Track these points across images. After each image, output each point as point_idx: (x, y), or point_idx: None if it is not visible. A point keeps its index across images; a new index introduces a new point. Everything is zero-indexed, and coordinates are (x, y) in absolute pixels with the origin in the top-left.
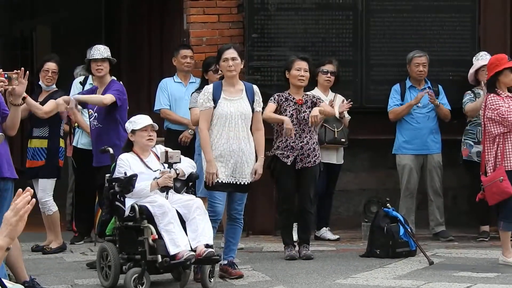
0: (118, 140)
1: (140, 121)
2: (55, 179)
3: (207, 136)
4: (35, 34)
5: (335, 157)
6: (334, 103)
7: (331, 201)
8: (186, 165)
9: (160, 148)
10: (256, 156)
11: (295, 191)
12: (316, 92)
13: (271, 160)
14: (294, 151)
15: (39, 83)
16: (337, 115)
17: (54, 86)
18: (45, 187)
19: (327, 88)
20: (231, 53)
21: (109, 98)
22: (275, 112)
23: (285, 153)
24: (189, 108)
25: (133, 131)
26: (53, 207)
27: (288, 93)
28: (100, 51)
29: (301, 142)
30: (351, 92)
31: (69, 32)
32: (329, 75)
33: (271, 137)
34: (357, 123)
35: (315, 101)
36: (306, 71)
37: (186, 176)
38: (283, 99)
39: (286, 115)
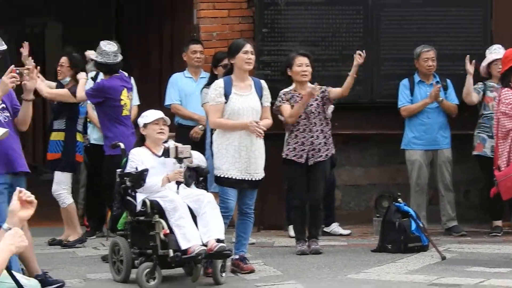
0: (108, 132)
1: (151, 115)
2: (71, 173)
3: (223, 120)
4: (46, 30)
5: None
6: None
7: (333, 196)
8: (196, 157)
9: (172, 143)
10: None
11: (307, 187)
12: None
13: (284, 160)
14: (304, 146)
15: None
16: None
17: (67, 79)
18: (60, 180)
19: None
20: (250, 47)
21: (79, 95)
22: None
23: (298, 152)
24: (202, 105)
25: (144, 125)
26: (67, 200)
27: (294, 90)
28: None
29: (311, 137)
30: (361, 87)
31: (80, 28)
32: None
33: (281, 131)
34: (367, 118)
35: (322, 95)
36: (308, 65)
37: (193, 163)
38: (290, 97)
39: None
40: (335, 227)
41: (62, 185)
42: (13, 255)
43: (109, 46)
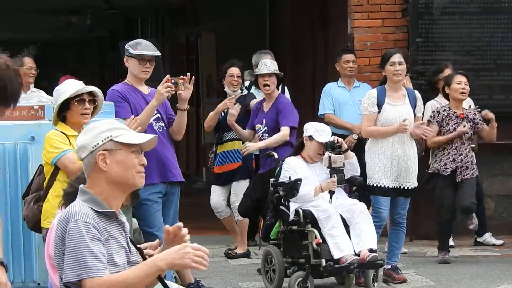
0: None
1: (324, 136)
2: (248, 181)
3: (374, 127)
4: (200, 40)
5: None
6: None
7: (482, 206)
8: (349, 168)
9: (326, 153)
10: None
11: (454, 202)
12: (440, 98)
13: (430, 176)
14: (455, 163)
15: (225, 89)
16: None
17: (239, 90)
18: (238, 190)
19: None
20: (398, 57)
21: (286, 134)
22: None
23: (447, 167)
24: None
25: (311, 138)
26: None
27: (449, 107)
28: (267, 65)
29: (460, 155)
30: None
31: (233, 38)
32: None
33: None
34: None
35: (474, 117)
36: (467, 84)
37: (343, 164)
38: (445, 115)
39: (448, 129)
40: (487, 237)
41: (241, 195)
42: (165, 271)
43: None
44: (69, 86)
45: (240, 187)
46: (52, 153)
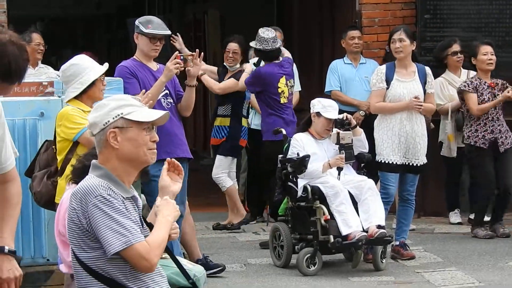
0: (264, 121)
1: (332, 111)
2: (231, 157)
3: (383, 103)
4: (207, 17)
5: None
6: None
7: None
8: (358, 145)
9: (334, 130)
10: None
11: (495, 174)
12: (447, 75)
13: (469, 148)
14: (494, 134)
15: (224, 63)
16: None
17: (238, 65)
18: (220, 164)
19: (458, 69)
20: (398, 34)
21: (240, 84)
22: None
23: (487, 140)
24: None
25: (318, 114)
26: (226, 183)
27: (479, 78)
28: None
29: (499, 125)
30: None
31: (241, 16)
32: (459, 55)
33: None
34: None
35: (504, 84)
36: (493, 54)
37: (351, 141)
38: (477, 83)
39: (483, 99)
40: None
41: (221, 168)
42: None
43: (267, 33)
44: (91, 62)
45: (223, 162)
46: (74, 129)
